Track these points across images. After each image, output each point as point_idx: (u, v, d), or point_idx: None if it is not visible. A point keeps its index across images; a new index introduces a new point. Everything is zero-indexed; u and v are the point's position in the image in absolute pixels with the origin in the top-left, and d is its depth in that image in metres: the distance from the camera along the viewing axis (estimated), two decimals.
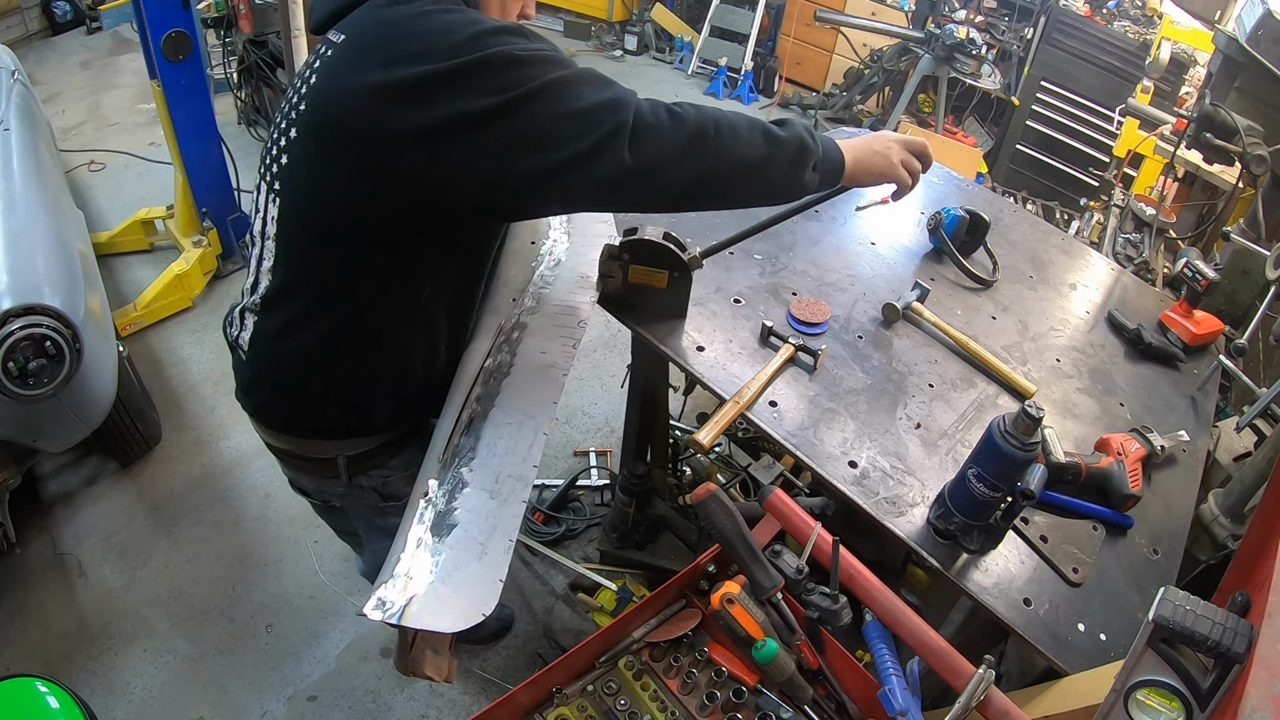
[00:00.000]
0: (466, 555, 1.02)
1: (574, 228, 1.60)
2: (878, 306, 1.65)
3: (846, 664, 1.13)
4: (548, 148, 0.95)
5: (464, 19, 0.96)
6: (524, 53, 0.94)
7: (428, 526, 1.05)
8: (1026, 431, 1.06)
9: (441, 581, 0.99)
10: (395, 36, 0.96)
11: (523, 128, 0.94)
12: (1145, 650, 0.81)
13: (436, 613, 0.96)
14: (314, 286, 1.13)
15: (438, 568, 1.00)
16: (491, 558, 1.02)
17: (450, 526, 1.05)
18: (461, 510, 1.07)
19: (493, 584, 0.99)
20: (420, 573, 0.99)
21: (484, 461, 1.13)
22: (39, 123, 2.67)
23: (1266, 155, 2.20)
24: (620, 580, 2.18)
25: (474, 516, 1.06)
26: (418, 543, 1.03)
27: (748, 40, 5.56)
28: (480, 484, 1.10)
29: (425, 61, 0.92)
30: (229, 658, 2.00)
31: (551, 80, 0.94)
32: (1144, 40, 4.18)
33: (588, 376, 3.00)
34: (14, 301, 1.67)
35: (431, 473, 1.13)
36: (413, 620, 0.95)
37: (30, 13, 5.04)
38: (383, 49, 0.96)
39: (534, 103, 0.93)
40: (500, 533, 1.04)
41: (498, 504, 1.08)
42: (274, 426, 1.28)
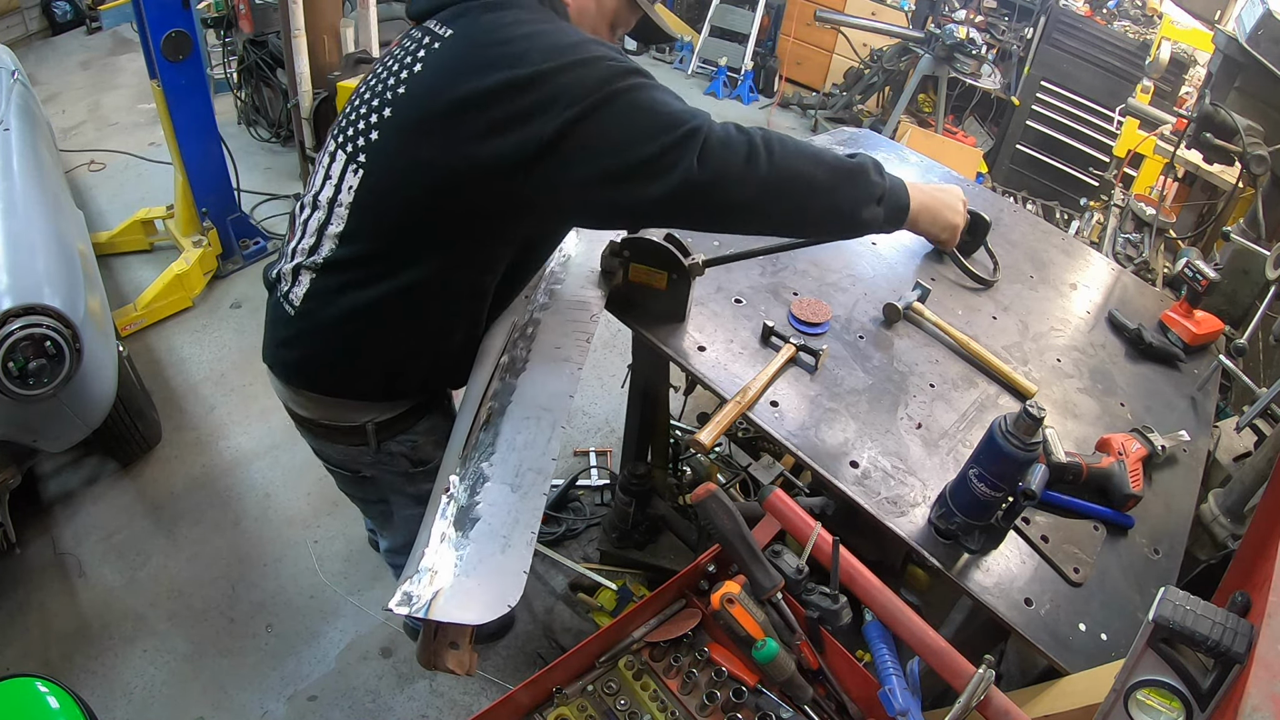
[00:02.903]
0: (490, 548, 1.03)
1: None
2: (878, 306, 1.65)
3: (846, 664, 1.13)
4: (621, 151, 1.00)
5: (557, 30, 1.05)
6: (612, 63, 1.01)
7: (450, 521, 1.07)
8: (1028, 431, 1.06)
9: (466, 575, 1.00)
10: (499, 41, 1.03)
11: (599, 132, 0.99)
12: (1145, 650, 0.81)
13: (463, 605, 0.97)
14: (383, 257, 1.16)
15: (462, 561, 1.01)
16: (515, 550, 1.04)
17: (473, 521, 1.06)
18: (484, 504, 1.09)
19: (517, 575, 1.01)
20: (445, 567, 1.01)
21: (503, 456, 1.16)
22: (39, 123, 2.67)
23: (1266, 155, 2.21)
24: (620, 580, 2.18)
25: (496, 510, 1.08)
26: (441, 537, 1.04)
27: (748, 40, 5.56)
28: (501, 478, 1.12)
29: (520, 66, 1.00)
30: (229, 658, 2.00)
31: (629, 86, 1.00)
32: (1144, 40, 4.18)
33: (588, 376, 3.00)
34: (14, 301, 1.67)
35: (452, 468, 1.15)
36: (439, 614, 0.95)
37: (30, 13, 5.04)
38: (488, 52, 1.03)
39: (612, 107, 0.99)
40: (523, 525, 1.07)
41: (519, 497, 1.10)
42: (306, 385, 1.29)
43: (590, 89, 0.98)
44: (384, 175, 1.12)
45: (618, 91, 0.99)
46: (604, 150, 1.00)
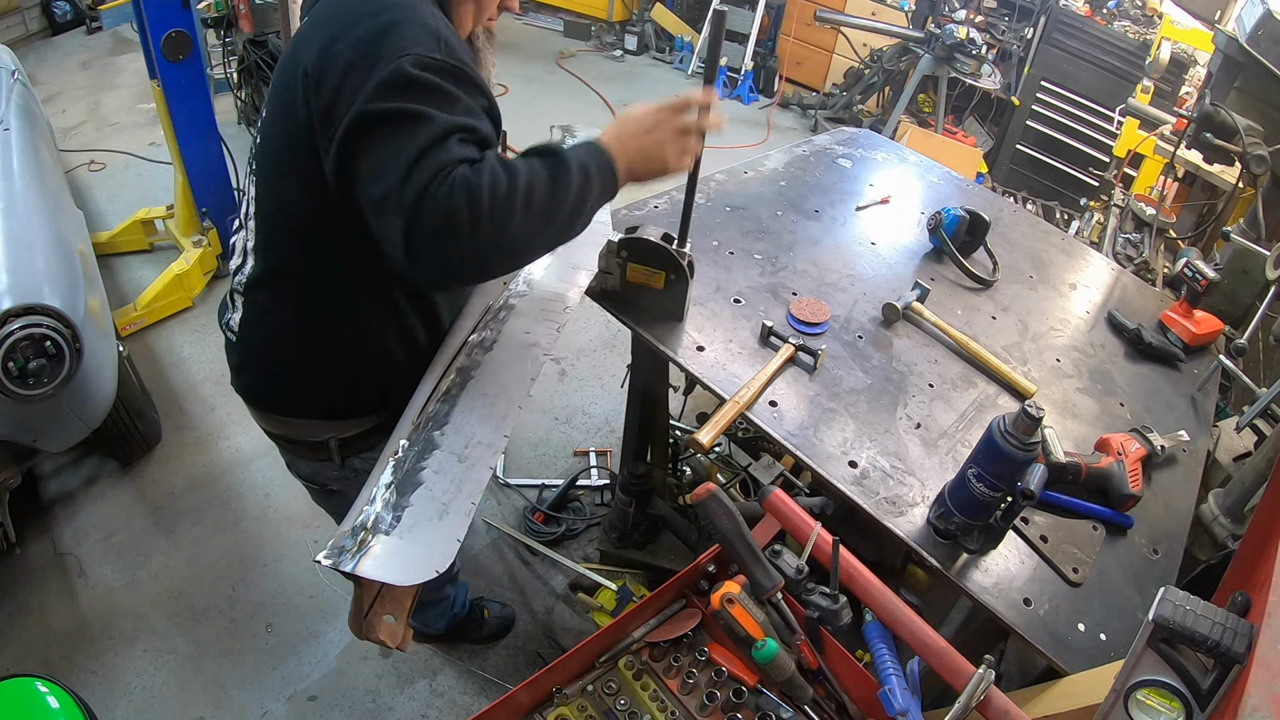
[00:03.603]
0: (427, 513, 1.03)
1: None
2: (878, 306, 1.65)
3: (846, 664, 1.13)
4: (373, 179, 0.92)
5: (390, 19, 0.95)
6: (420, 72, 0.91)
7: (393, 483, 1.06)
8: (1026, 431, 1.06)
9: (399, 536, 0.99)
10: (332, 19, 0.99)
11: (373, 149, 0.91)
12: (1145, 650, 0.81)
13: (389, 566, 0.96)
14: (287, 267, 1.15)
15: (398, 523, 1.00)
16: (452, 518, 1.03)
17: (415, 485, 1.05)
18: (429, 470, 1.07)
19: (450, 543, 1.00)
20: (380, 527, 1.00)
21: (456, 427, 1.15)
22: (39, 123, 2.67)
23: (1266, 155, 2.21)
24: (620, 580, 2.18)
25: (440, 478, 1.07)
26: (381, 498, 1.04)
27: (748, 40, 5.56)
28: (450, 448, 1.11)
29: (345, 54, 0.94)
30: (229, 658, 2.00)
31: (412, 111, 0.90)
32: (1144, 40, 4.18)
33: (588, 376, 3.00)
34: (14, 301, 1.67)
35: (404, 433, 1.14)
36: (366, 571, 0.94)
37: (30, 13, 5.04)
38: (321, 33, 0.98)
39: (386, 128, 0.91)
40: (464, 495, 1.06)
41: (465, 468, 1.09)
42: (265, 408, 1.30)
43: (388, 97, 0.90)
44: (266, 180, 1.11)
45: (399, 111, 0.90)
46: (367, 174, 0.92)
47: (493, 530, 2.37)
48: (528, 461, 2.62)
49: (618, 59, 5.93)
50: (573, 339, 3.16)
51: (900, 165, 2.38)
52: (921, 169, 2.38)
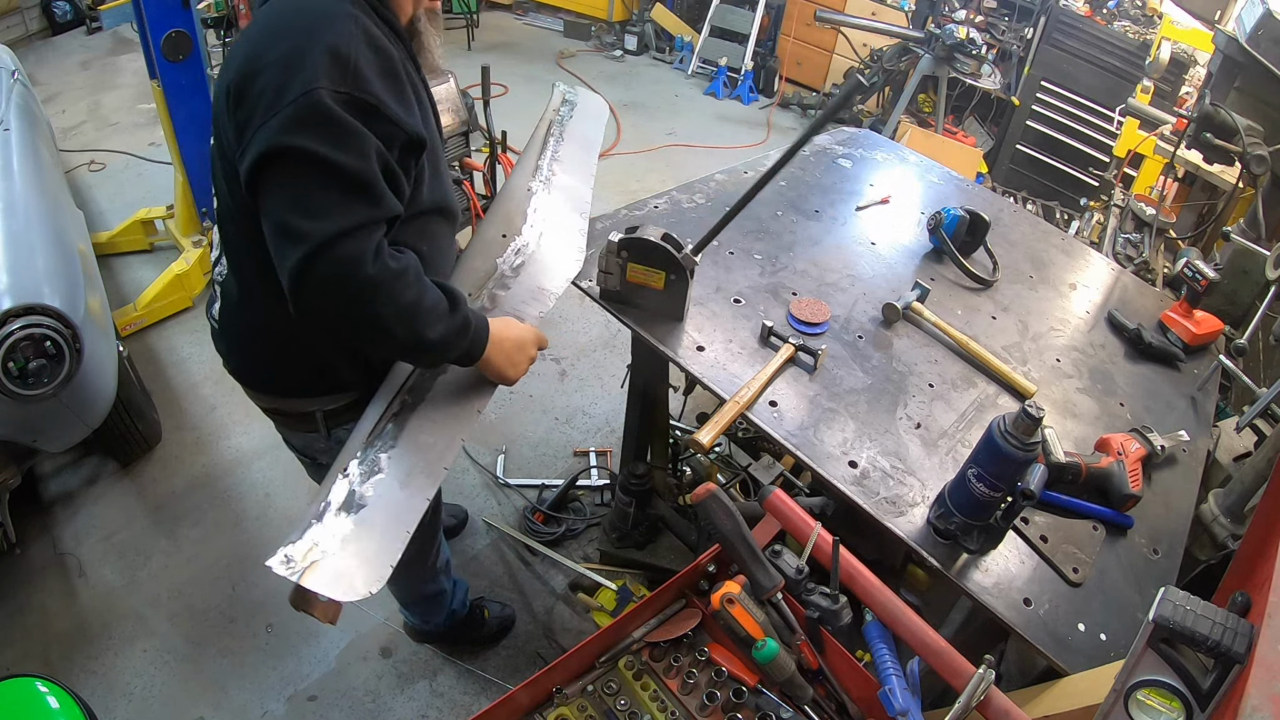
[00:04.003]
0: (367, 535, 1.11)
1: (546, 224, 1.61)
2: (878, 306, 1.65)
3: (846, 664, 1.13)
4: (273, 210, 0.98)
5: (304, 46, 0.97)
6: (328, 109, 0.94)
7: (339, 502, 1.13)
8: (1026, 431, 1.06)
9: (339, 555, 1.07)
10: (256, 38, 1.02)
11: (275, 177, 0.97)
12: (1145, 650, 0.81)
13: (329, 583, 1.05)
14: (244, 264, 1.22)
15: (341, 542, 1.08)
16: (387, 545, 1.11)
17: (360, 506, 1.13)
18: (372, 493, 1.15)
19: (381, 568, 1.08)
20: (325, 541, 1.08)
21: (402, 452, 1.21)
22: (39, 123, 2.67)
23: (1266, 155, 2.21)
24: (620, 580, 2.18)
25: (382, 502, 1.14)
26: (328, 514, 1.11)
27: (748, 40, 5.56)
28: (393, 473, 1.18)
29: (260, 78, 0.97)
30: (229, 658, 2.00)
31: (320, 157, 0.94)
32: (1144, 40, 4.18)
33: (588, 376, 3.00)
34: (14, 301, 1.67)
35: (354, 451, 1.20)
36: (310, 582, 1.04)
37: (30, 13, 5.04)
38: (245, 49, 1.02)
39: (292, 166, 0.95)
40: (400, 524, 1.13)
41: (405, 495, 1.16)
42: (253, 388, 1.37)
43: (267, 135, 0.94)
44: (216, 183, 1.17)
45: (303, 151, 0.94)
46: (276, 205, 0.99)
47: (493, 530, 2.37)
48: (528, 461, 2.62)
49: (618, 59, 5.94)
50: (573, 339, 3.16)
51: (900, 165, 2.38)
52: (921, 169, 2.38)
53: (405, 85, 1.07)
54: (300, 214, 0.95)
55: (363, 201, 0.98)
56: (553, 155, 1.73)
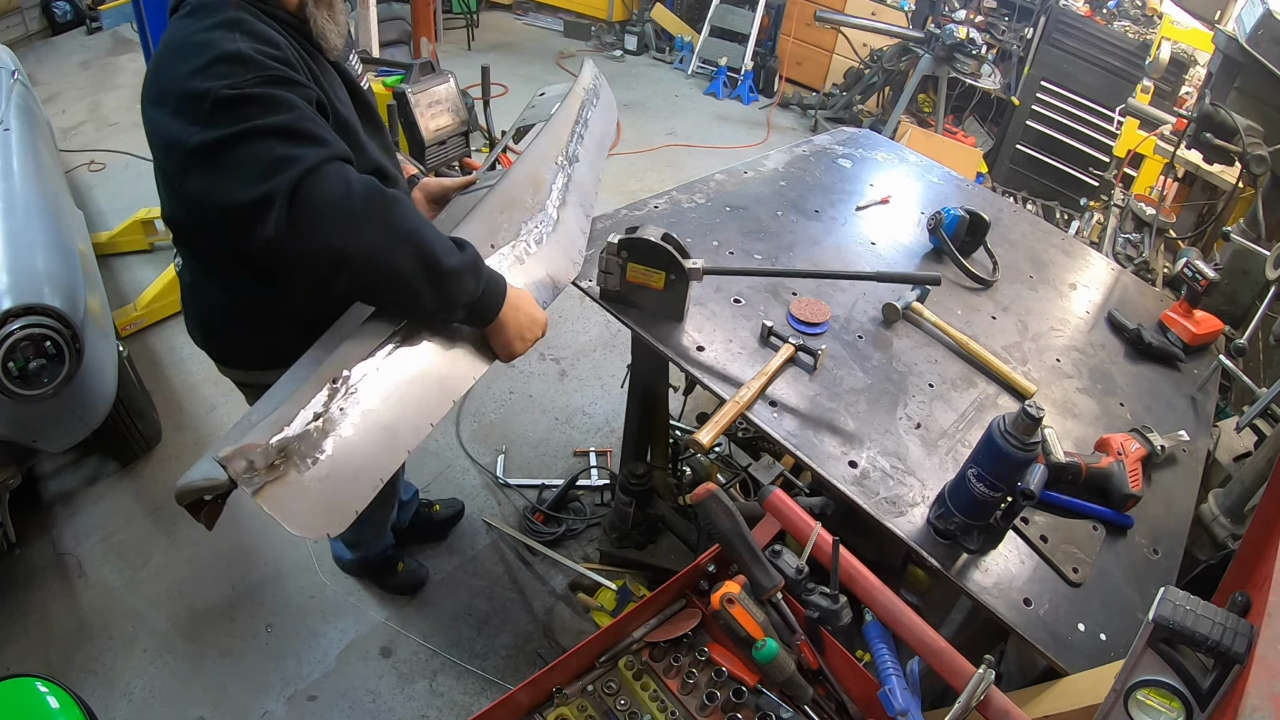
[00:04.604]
0: (340, 471, 0.99)
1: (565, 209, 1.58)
2: (878, 306, 1.65)
3: (846, 664, 1.13)
4: (227, 191, 1.00)
5: (205, 43, 1.03)
6: (236, 92, 0.99)
7: (320, 418, 1.01)
8: (1026, 431, 1.06)
9: (310, 481, 0.95)
10: (165, 51, 1.08)
11: (216, 166, 1.00)
12: (1145, 650, 0.81)
13: (289, 510, 0.93)
14: (187, 253, 1.31)
15: (310, 466, 0.96)
16: (359, 487, 1.02)
17: (342, 435, 1.02)
18: (356, 431, 1.04)
19: (348, 513, 0.99)
20: (295, 458, 0.95)
21: (397, 391, 1.10)
22: (39, 123, 2.67)
23: (1266, 155, 2.21)
24: (620, 580, 2.18)
25: (364, 440, 1.04)
26: (303, 424, 0.98)
27: (748, 40, 5.56)
28: (380, 415, 1.07)
29: (168, 83, 1.04)
30: (229, 658, 2.00)
31: (246, 130, 0.99)
32: (1144, 40, 4.18)
33: (588, 376, 3.00)
34: (14, 301, 1.67)
35: (348, 362, 1.07)
36: (268, 503, 0.92)
37: (30, 13, 5.04)
38: (158, 61, 1.08)
39: (229, 144, 0.99)
40: (376, 468, 1.04)
41: (388, 438, 1.07)
42: (224, 363, 1.45)
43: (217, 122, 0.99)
44: (160, 177, 1.20)
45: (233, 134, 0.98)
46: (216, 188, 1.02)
47: (493, 530, 2.37)
48: (528, 461, 2.62)
49: (618, 59, 5.94)
50: (573, 339, 3.16)
51: (900, 165, 2.38)
52: (921, 169, 2.38)
53: (296, 65, 1.11)
54: (262, 175, 0.98)
55: (310, 145, 1.01)
56: (579, 137, 1.71)
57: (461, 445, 2.63)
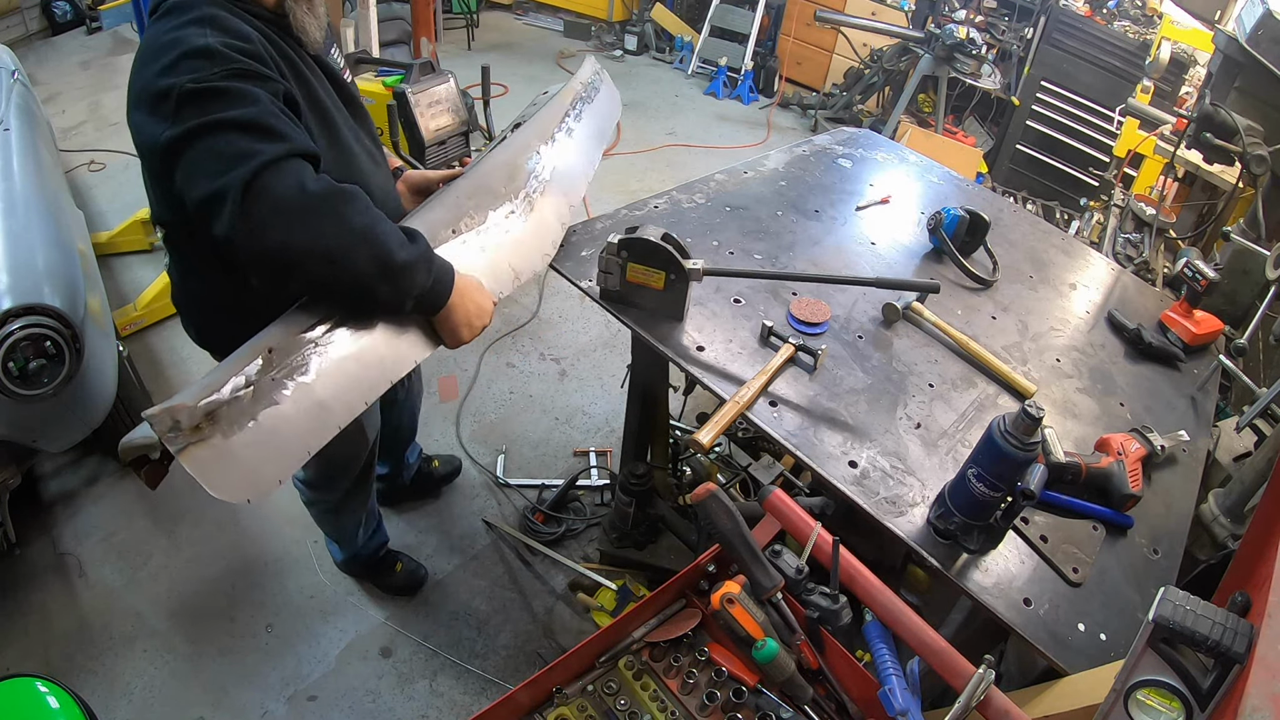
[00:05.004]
0: (267, 439, 0.99)
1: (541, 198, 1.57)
2: (878, 306, 1.65)
3: (846, 664, 1.13)
4: (190, 185, 1.03)
5: (173, 41, 1.06)
6: (198, 86, 1.02)
7: (252, 386, 1.01)
8: (1026, 431, 1.06)
9: (234, 446, 0.96)
10: (140, 53, 1.11)
11: (181, 161, 1.03)
12: (1145, 650, 0.81)
13: (210, 472, 0.94)
14: (177, 253, 1.35)
15: (236, 432, 0.97)
16: (286, 457, 1.02)
17: (273, 403, 1.02)
18: (289, 399, 1.04)
19: (271, 481, 1.00)
20: (221, 423, 0.97)
21: (334, 368, 1.10)
22: (39, 123, 2.67)
23: (1266, 155, 2.21)
24: (620, 580, 2.18)
25: (295, 412, 1.04)
26: (234, 389, 0.99)
27: (748, 40, 5.56)
28: (315, 388, 1.07)
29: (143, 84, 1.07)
30: (229, 658, 2.00)
31: (207, 123, 1.01)
32: (1144, 40, 4.18)
33: (588, 376, 3.00)
34: (14, 301, 1.67)
35: (284, 334, 1.08)
36: (190, 463, 0.93)
37: (30, 13, 5.04)
38: (135, 64, 1.11)
39: (189, 139, 1.02)
40: (304, 440, 1.05)
41: (320, 412, 1.07)
42: (212, 351, 1.44)
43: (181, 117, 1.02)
44: (146, 174, 1.22)
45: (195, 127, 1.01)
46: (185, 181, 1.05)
47: (493, 530, 2.37)
48: (528, 461, 2.62)
49: (618, 59, 5.93)
50: (573, 339, 3.16)
51: (900, 165, 2.38)
52: (921, 169, 2.38)
53: (266, 60, 1.12)
54: (219, 170, 1.00)
55: (268, 139, 1.02)
56: (568, 129, 1.69)
57: (461, 445, 2.63)
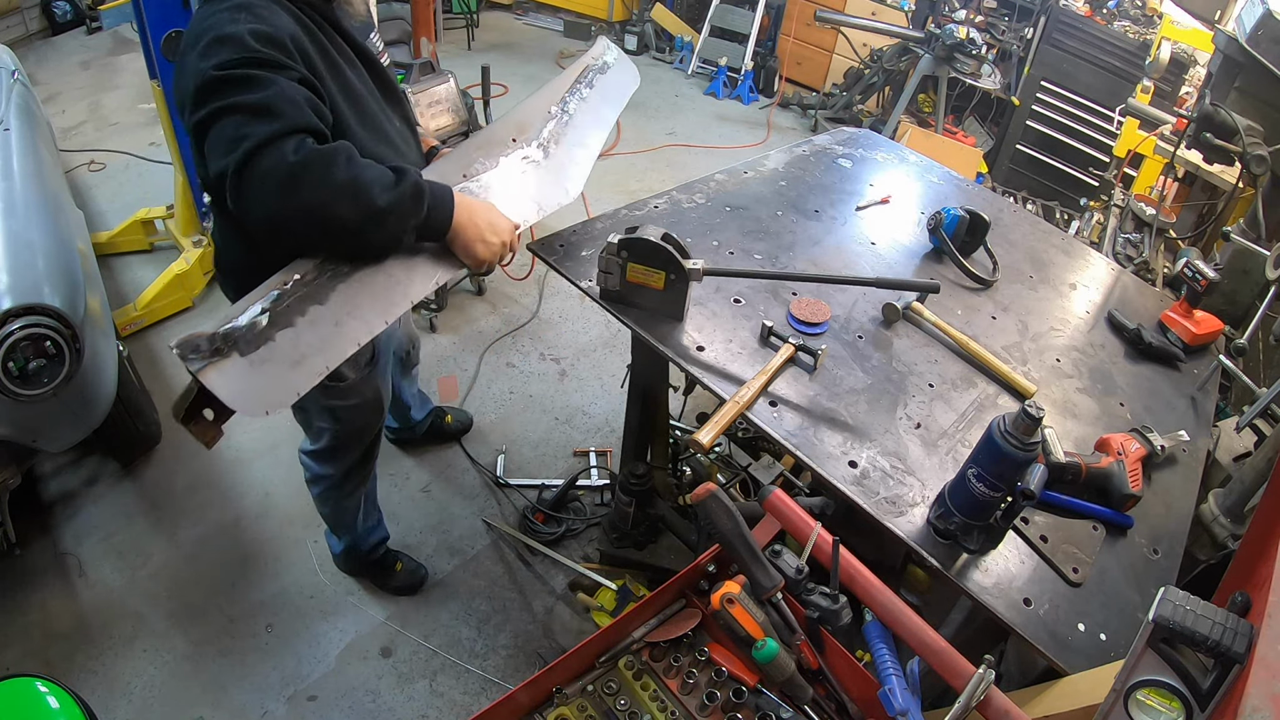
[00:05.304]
0: (285, 355, 1.10)
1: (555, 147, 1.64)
2: (878, 306, 1.65)
3: (846, 664, 1.13)
4: (208, 165, 1.14)
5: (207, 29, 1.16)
6: (221, 73, 1.12)
7: (268, 313, 1.12)
8: (1026, 431, 1.06)
9: (250, 362, 1.06)
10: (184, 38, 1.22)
11: (203, 142, 1.14)
12: (1145, 650, 0.81)
13: (228, 386, 1.03)
14: (215, 213, 1.41)
15: (254, 350, 1.07)
16: (303, 371, 1.11)
17: (286, 325, 1.12)
18: (303, 321, 1.14)
19: (289, 393, 1.09)
20: (239, 345, 1.07)
21: (348, 292, 1.20)
22: (39, 123, 2.67)
23: (1266, 155, 2.21)
24: (620, 580, 2.18)
25: (311, 329, 1.14)
26: (250, 318, 1.10)
27: (748, 40, 5.55)
28: (333, 309, 1.17)
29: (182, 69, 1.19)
30: (229, 658, 2.00)
31: (220, 108, 1.12)
32: (1144, 40, 4.18)
33: (588, 376, 3.00)
34: (14, 301, 1.67)
35: (301, 270, 1.19)
36: (209, 380, 1.03)
37: (30, 13, 5.03)
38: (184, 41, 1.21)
39: (209, 121, 1.13)
40: (323, 357, 1.14)
41: (337, 332, 1.16)
42: None
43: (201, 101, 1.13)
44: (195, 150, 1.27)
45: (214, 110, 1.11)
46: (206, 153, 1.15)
47: (493, 530, 2.37)
48: (528, 461, 2.62)
49: None
50: (573, 339, 3.16)
51: (900, 165, 2.38)
52: (921, 169, 2.38)
53: (290, 48, 1.20)
54: (226, 151, 1.10)
55: (266, 121, 1.10)
56: (579, 97, 1.76)
57: (461, 445, 2.63)
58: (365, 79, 1.38)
